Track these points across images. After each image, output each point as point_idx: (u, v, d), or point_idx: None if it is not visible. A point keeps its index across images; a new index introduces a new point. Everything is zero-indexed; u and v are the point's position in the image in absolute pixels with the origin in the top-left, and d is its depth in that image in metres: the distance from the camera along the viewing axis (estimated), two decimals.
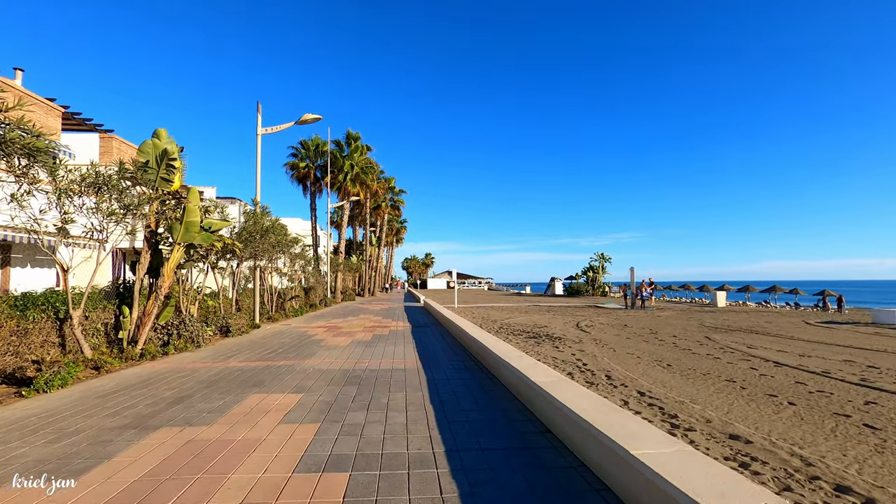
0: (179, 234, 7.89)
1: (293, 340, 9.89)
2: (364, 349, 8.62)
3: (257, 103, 14.11)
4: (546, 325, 15.75)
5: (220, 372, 6.36)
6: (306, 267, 19.93)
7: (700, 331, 14.03)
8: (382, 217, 44.44)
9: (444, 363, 7.15)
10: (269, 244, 12.96)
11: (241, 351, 8.40)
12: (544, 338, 12.21)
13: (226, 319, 10.62)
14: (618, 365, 8.18)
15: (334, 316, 17.25)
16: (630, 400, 5.73)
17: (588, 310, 24.80)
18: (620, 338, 12.21)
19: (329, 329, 12.32)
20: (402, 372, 6.42)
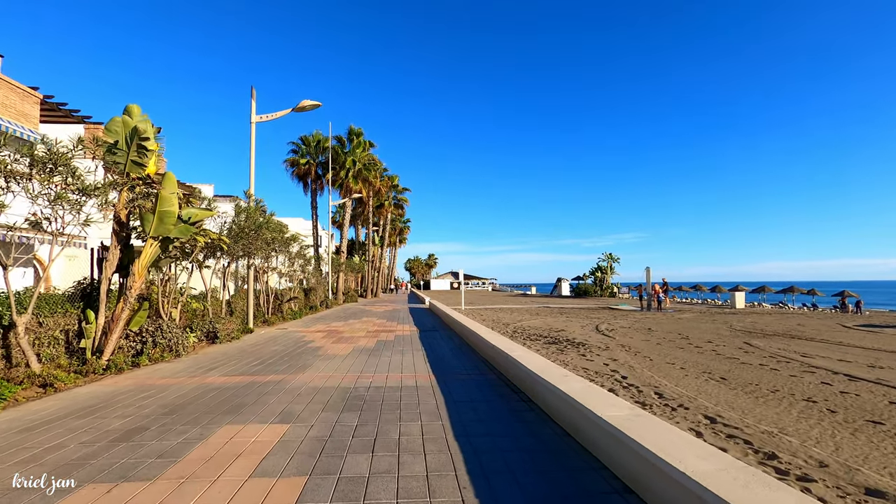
0: (152, 225, 6.78)
1: (287, 348, 8.77)
2: (367, 359, 7.49)
3: (251, 88, 13.03)
4: (563, 329, 14.59)
5: (193, 391, 5.23)
6: (306, 267, 18.84)
7: (734, 335, 12.83)
8: (385, 216, 43.37)
9: (462, 377, 6.01)
10: (264, 241, 11.85)
11: (226, 361, 7.28)
12: (565, 343, 11.05)
13: (213, 324, 9.51)
14: (663, 378, 7.02)
15: (335, 319, 16.14)
16: (701, 428, 4.57)
17: (603, 312, 23.60)
18: (650, 344, 11.04)
19: (329, 334, 11.20)
20: (413, 390, 5.29)
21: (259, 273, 15.11)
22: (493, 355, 6.90)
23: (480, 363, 7.09)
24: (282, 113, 13.28)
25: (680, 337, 12.32)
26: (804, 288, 37.31)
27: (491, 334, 8.16)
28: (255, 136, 12.95)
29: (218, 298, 11.82)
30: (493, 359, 6.83)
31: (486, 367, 6.78)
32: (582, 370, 7.67)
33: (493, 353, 6.82)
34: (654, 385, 6.54)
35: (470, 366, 6.89)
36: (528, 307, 27.71)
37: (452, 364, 7.07)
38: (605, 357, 9.05)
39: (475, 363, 7.10)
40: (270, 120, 13.19)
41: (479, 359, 7.55)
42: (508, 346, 6.52)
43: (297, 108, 13.38)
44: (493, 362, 6.84)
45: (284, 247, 15.17)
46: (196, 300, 10.61)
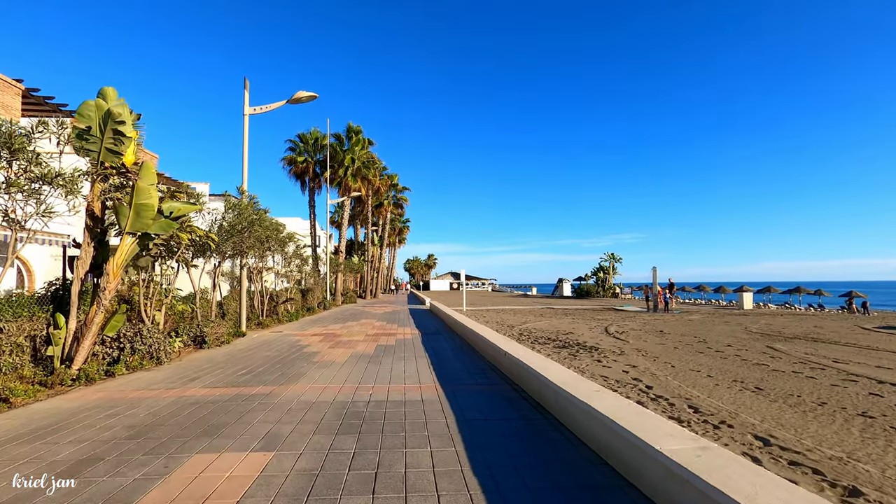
0: (128, 220, 6.12)
1: (281, 354, 8.12)
2: (366, 367, 6.84)
3: (244, 80, 12.38)
4: (571, 332, 13.95)
5: (168, 407, 4.58)
6: (303, 267, 18.18)
7: (752, 338, 12.20)
8: (385, 216, 42.72)
9: (472, 388, 5.37)
10: (256, 239, 11.19)
11: (212, 369, 6.63)
12: (577, 347, 10.41)
13: (200, 328, 8.85)
14: (691, 388, 6.38)
15: (333, 321, 15.48)
16: (756, 452, 3.93)
17: (609, 313, 22.97)
18: (667, 348, 10.40)
19: (326, 338, 10.55)
20: (418, 405, 4.64)
21: (253, 273, 14.46)
22: (506, 363, 6.25)
23: (490, 371, 6.45)
24: (276, 105, 12.63)
25: (696, 340, 11.69)
26: (810, 288, 36.72)
27: (501, 339, 7.51)
28: (248, 130, 12.31)
29: (208, 300, 11.15)
30: (507, 368, 6.19)
31: (497, 376, 6.13)
32: (600, 378, 7.03)
33: (507, 362, 6.18)
34: (684, 396, 5.89)
35: (479, 374, 6.24)
36: (531, 308, 27.08)
37: (459, 372, 6.42)
38: (622, 363, 8.41)
39: (484, 371, 6.46)
40: (264, 112, 12.54)
41: (487, 366, 6.90)
42: (523, 353, 5.87)
43: (292, 100, 12.73)
44: (507, 371, 6.19)
45: (280, 246, 14.52)
46: (183, 302, 9.95)
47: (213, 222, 10.23)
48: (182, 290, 10.99)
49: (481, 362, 7.27)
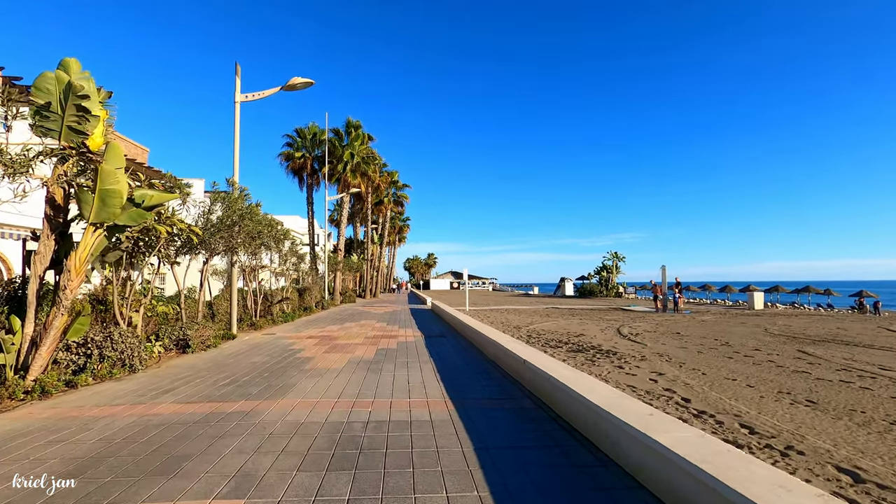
0: (92, 209, 5.35)
1: (271, 359, 7.35)
2: (365, 375, 6.07)
3: (235, 65, 11.60)
4: (583, 334, 13.18)
5: (126, 430, 3.81)
6: (299, 265, 17.39)
7: (777, 341, 11.43)
8: (385, 214, 41.94)
9: (488, 405, 4.61)
10: (248, 234, 10.41)
11: (190, 378, 5.86)
12: (593, 351, 9.65)
13: (184, 330, 8.08)
14: (734, 400, 5.62)
15: (331, 321, 14.71)
16: (850, 493, 3.16)
17: (617, 313, 22.21)
18: (690, 352, 9.64)
19: (322, 341, 9.77)
20: (427, 427, 3.88)
21: (246, 272, 13.69)
22: (528, 376, 5.48)
23: (507, 382, 5.68)
24: (270, 91, 11.84)
25: (720, 343, 10.92)
26: (819, 288, 35.97)
27: (516, 344, 6.74)
28: (239, 118, 11.52)
29: (195, 300, 10.37)
30: (528, 379, 5.41)
31: (514, 387, 5.36)
32: (627, 388, 6.27)
33: (528, 374, 5.40)
34: (731, 412, 5.13)
35: (494, 386, 5.47)
36: (535, 308, 26.32)
37: (471, 382, 5.65)
38: (646, 370, 7.64)
39: (500, 382, 5.69)
40: (257, 99, 11.75)
41: (500, 374, 6.14)
42: (548, 363, 5.09)
43: (286, 87, 11.94)
44: (527, 384, 5.41)
45: (275, 243, 13.73)
46: (167, 303, 9.16)
47: (199, 216, 9.44)
48: (161, 289, 10.21)
49: (494, 370, 6.50)
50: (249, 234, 10.75)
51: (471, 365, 6.93)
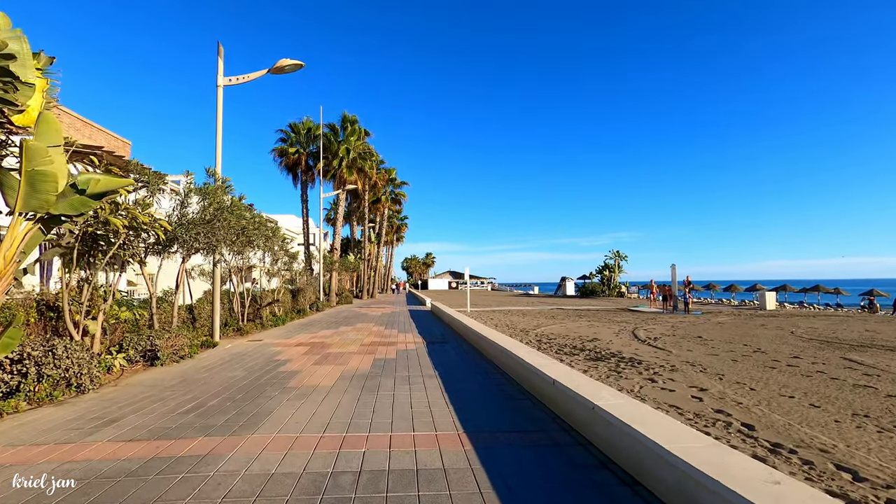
0: (18, 195, 4.31)
1: (250, 374, 6.32)
2: (359, 396, 5.06)
3: (217, 45, 10.55)
4: (596, 337, 12.20)
5: (18, 496, 2.78)
6: (291, 264, 16.34)
7: (813, 346, 10.48)
8: (382, 212, 40.89)
9: (511, 438, 3.61)
10: (229, 230, 9.36)
11: (147, 402, 4.83)
12: (613, 360, 8.68)
13: (152, 339, 7.04)
14: (806, 426, 4.64)
15: (324, 325, 13.68)
16: None
17: (625, 314, 21.26)
18: (722, 360, 8.67)
19: (312, 349, 8.75)
20: (439, 480, 2.88)
21: (232, 272, 12.64)
22: (558, 398, 4.48)
23: (530, 405, 4.68)
24: (256, 74, 10.80)
25: (751, 349, 9.96)
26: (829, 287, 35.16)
27: (533, 354, 5.73)
28: (222, 104, 10.49)
29: (171, 303, 9.31)
30: (563, 407, 4.41)
31: (544, 415, 4.36)
32: (671, 409, 5.28)
33: (558, 395, 4.40)
34: (812, 445, 4.14)
35: (516, 412, 4.47)
36: (539, 309, 25.36)
37: (487, 406, 4.65)
38: (682, 383, 6.66)
39: (521, 405, 4.69)
40: (241, 83, 10.71)
41: (519, 391, 5.14)
42: (584, 384, 4.07)
43: (274, 69, 10.91)
44: (563, 412, 4.41)
45: (263, 240, 12.69)
46: (135, 308, 8.11)
47: (173, 209, 8.39)
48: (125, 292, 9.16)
49: (509, 385, 5.51)
50: (232, 229, 9.72)
51: (481, 379, 5.92)
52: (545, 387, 4.72)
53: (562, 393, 4.22)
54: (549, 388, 4.60)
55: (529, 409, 4.56)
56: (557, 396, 4.35)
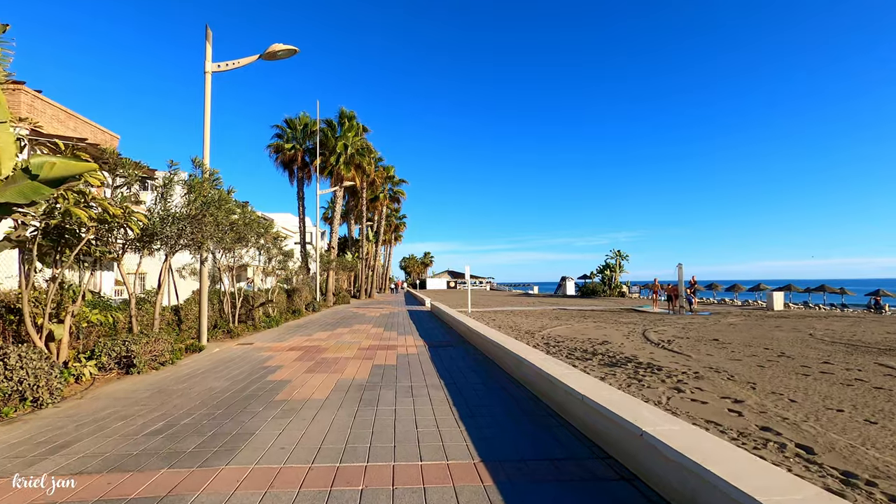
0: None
1: (233, 385, 5.68)
2: (356, 413, 4.42)
3: (206, 29, 9.89)
4: (606, 340, 11.59)
5: None
6: (285, 263, 15.67)
7: (838, 351, 9.88)
8: (380, 211, 40.22)
9: (539, 470, 2.98)
10: (219, 226, 8.71)
11: (109, 420, 4.19)
12: (630, 365, 8.07)
13: (127, 345, 6.38)
14: (877, 451, 4.03)
15: (320, 327, 13.02)
16: None
17: (631, 315, 20.67)
18: (747, 366, 8.06)
19: (305, 353, 8.10)
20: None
21: (222, 270, 11.97)
22: (590, 419, 3.85)
23: (554, 424, 4.04)
24: (246, 60, 10.12)
25: (774, 354, 9.36)
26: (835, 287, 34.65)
27: (554, 364, 5.10)
28: (210, 91, 9.83)
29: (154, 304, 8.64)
30: (593, 428, 3.78)
31: (571, 437, 3.73)
32: (709, 425, 4.66)
33: (593, 415, 3.77)
34: (892, 474, 3.51)
35: (540, 432, 3.83)
36: (541, 309, 24.74)
37: (504, 426, 4.02)
38: (712, 393, 6.05)
39: (545, 424, 4.06)
40: (231, 69, 10.04)
41: (540, 408, 4.51)
42: (627, 408, 3.43)
43: (266, 55, 10.23)
44: (598, 438, 3.78)
45: (255, 237, 12.02)
46: (111, 310, 7.44)
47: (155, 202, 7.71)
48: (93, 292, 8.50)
49: (526, 399, 4.88)
50: (220, 225, 9.05)
51: (493, 389, 5.30)
52: (570, 402, 4.09)
53: (594, 411, 3.58)
54: (575, 405, 3.97)
55: (554, 428, 3.93)
56: (589, 416, 3.72)
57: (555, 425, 4.02)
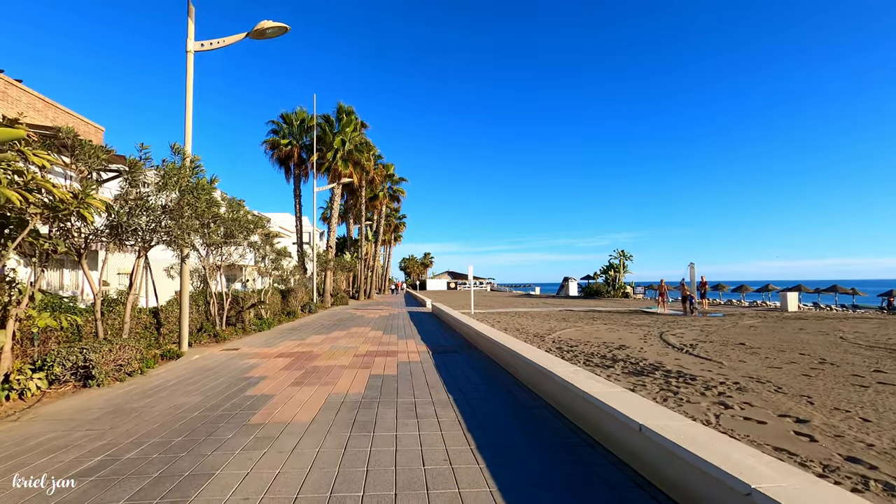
0: None
1: (205, 401, 4.80)
2: (346, 443, 3.54)
3: (188, 4, 9.03)
4: (623, 344, 10.73)
5: None
6: (278, 262, 14.78)
7: (881, 356, 9.01)
8: (380, 210, 39.35)
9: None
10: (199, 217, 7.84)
11: (34, 455, 3.31)
12: (658, 373, 7.21)
13: (85, 353, 5.51)
14: None
15: (315, 330, 12.15)
16: None
17: (641, 317, 19.80)
18: (788, 374, 7.20)
19: (295, 361, 7.23)
20: None
21: (209, 269, 11.09)
22: (653, 459, 2.98)
23: (603, 462, 3.18)
24: (232, 39, 9.26)
25: (816, 361, 8.48)
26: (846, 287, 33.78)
27: (589, 380, 4.23)
28: (192, 72, 8.98)
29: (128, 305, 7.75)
30: (665, 476, 2.91)
31: (632, 481, 2.86)
32: (780, 453, 3.79)
33: (657, 455, 2.91)
34: None
35: (584, 472, 2.97)
36: (546, 310, 23.87)
37: (535, 463, 3.15)
38: (764, 409, 5.18)
39: (590, 462, 3.19)
40: (216, 49, 9.18)
41: (574, 432, 3.64)
42: (713, 448, 2.54)
43: (253, 33, 9.37)
44: (673, 490, 2.92)
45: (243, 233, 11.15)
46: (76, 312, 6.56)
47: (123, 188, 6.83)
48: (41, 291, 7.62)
49: (554, 418, 4.02)
50: (200, 218, 8.18)
51: (513, 409, 4.43)
52: (618, 430, 3.22)
53: (660, 448, 2.71)
54: (627, 435, 3.11)
55: (600, 467, 3.06)
56: (651, 453, 2.84)
57: (601, 462, 3.15)
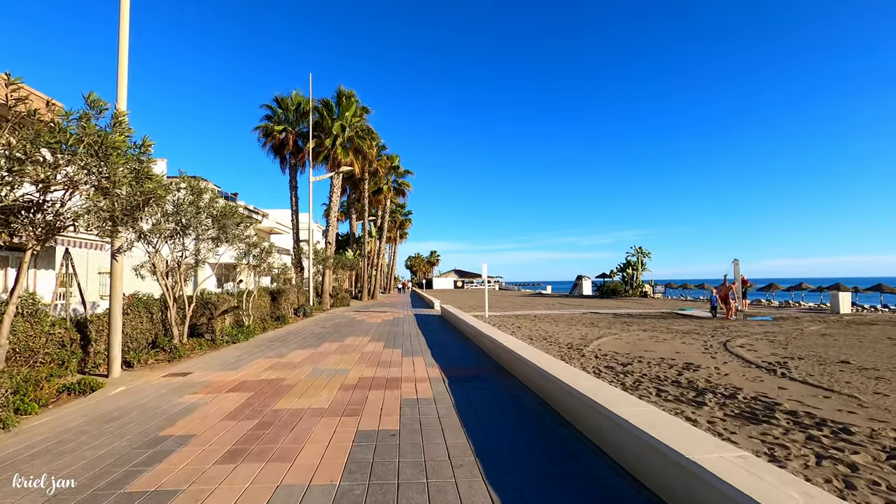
0: None
1: (55, 500, 2.63)
2: None
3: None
4: (690, 362, 8.43)
5: None
6: (263, 258, 12.55)
7: None
8: (384, 204, 37.10)
9: None
10: (143, 199, 5.63)
11: None
12: (774, 418, 4.94)
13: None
14: None
15: (301, 341, 9.95)
16: None
17: (680, 321, 17.43)
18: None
19: (252, 399, 5.01)
20: None
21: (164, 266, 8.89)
22: None
23: None
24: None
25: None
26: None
27: None
28: (128, 10, 6.81)
29: (5, 318, 5.54)
30: None
31: None
32: None
33: None
34: None
35: None
36: (568, 313, 21.54)
37: None
38: None
39: None
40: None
41: None
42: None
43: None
44: None
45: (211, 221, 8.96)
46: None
47: None
48: None
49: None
50: (149, 197, 5.97)
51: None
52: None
53: None
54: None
55: None
56: None
57: None
